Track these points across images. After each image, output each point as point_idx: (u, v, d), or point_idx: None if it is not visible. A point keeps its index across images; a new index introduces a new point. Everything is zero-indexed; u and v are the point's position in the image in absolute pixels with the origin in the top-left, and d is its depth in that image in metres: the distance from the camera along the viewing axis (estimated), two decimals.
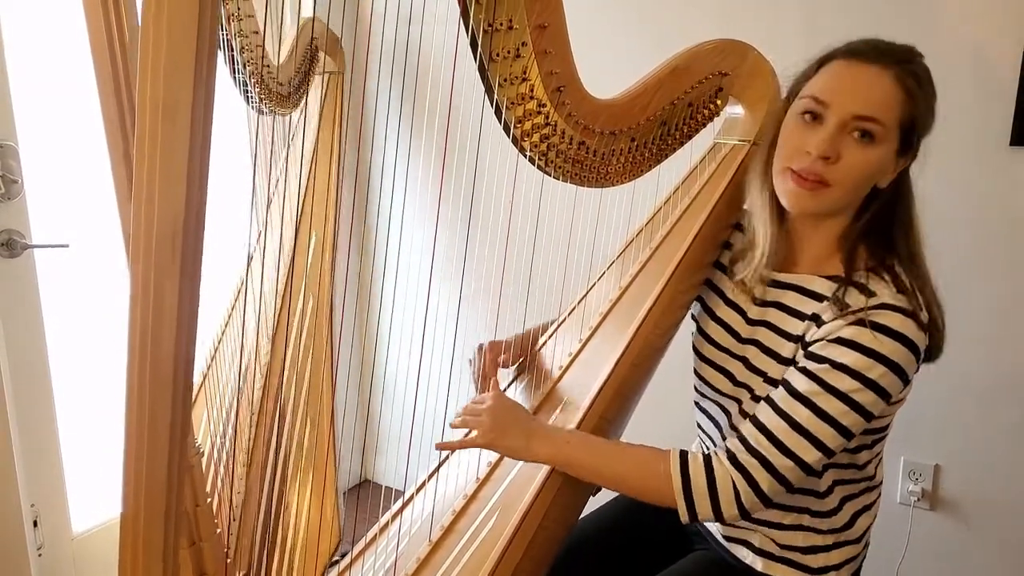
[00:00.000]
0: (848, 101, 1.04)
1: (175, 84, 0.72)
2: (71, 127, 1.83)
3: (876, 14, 1.78)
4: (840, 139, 1.04)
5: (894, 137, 1.04)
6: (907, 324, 1.00)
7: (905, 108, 1.04)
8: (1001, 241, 1.75)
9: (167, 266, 0.76)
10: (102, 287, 1.97)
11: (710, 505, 1.05)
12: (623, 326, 1.26)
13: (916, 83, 1.04)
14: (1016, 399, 1.79)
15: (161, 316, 0.78)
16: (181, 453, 0.84)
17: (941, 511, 1.92)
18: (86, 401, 2.00)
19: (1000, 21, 1.67)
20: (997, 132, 1.71)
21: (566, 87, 1.13)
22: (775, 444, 1.03)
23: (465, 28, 1.03)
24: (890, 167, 1.07)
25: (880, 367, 1.00)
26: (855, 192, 1.08)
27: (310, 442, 2.01)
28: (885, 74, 1.03)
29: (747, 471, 1.04)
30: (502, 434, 1.14)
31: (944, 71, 1.70)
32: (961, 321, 1.78)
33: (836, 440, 1.02)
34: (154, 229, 0.75)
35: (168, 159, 0.74)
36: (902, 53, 1.06)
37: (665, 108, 1.26)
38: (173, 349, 0.79)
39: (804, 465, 1.03)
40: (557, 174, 1.22)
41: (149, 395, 0.80)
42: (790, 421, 1.03)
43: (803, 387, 1.03)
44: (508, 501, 1.18)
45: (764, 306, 1.18)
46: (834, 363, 1.01)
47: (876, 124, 1.03)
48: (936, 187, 1.76)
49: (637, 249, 1.38)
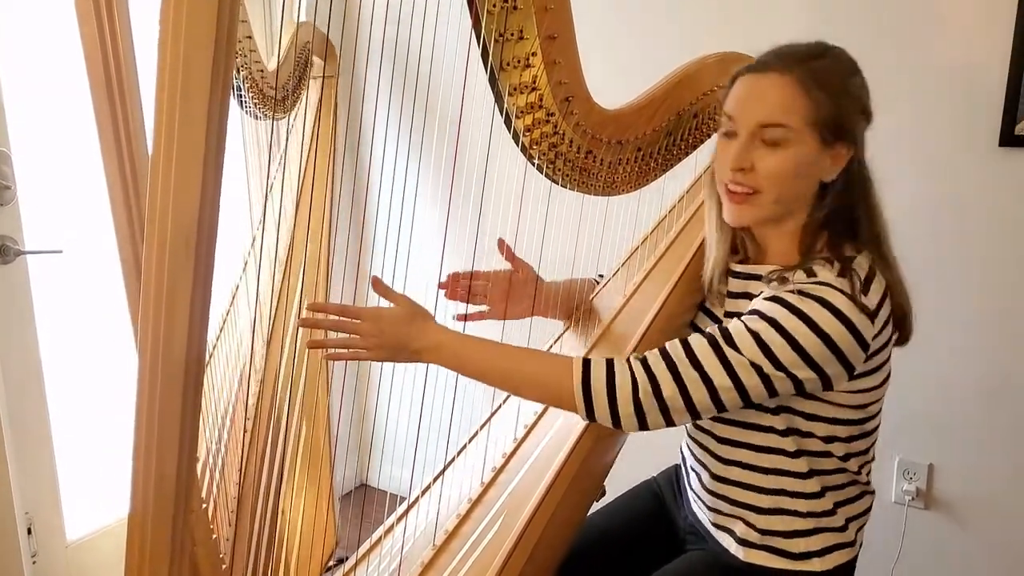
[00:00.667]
0: (751, 111, 1.08)
1: (193, 88, 0.73)
2: (64, 132, 1.81)
3: (869, 19, 1.80)
4: (751, 148, 1.08)
5: (808, 136, 1.07)
6: (838, 297, 1.02)
7: (810, 106, 1.06)
8: (992, 240, 1.78)
9: (181, 266, 0.77)
10: (96, 293, 1.95)
11: (606, 401, 1.05)
12: (628, 333, 1.27)
13: (818, 80, 1.06)
14: (1009, 398, 1.81)
15: (173, 316, 0.78)
16: (191, 452, 0.84)
17: (935, 510, 1.95)
18: (80, 408, 1.99)
19: (988, 24, 1.69)
20: (986, 133, 1.74)
21: (575, 97, 1.14)
22: (688, 354, 1.04)
23: (476, 38, 1.04)
24: (822, 162, 1.09)
25: (804, 328, 1.01)
26: (787, 193, 1.10)
27: (306, 447, 2.00)
28: (783, 79, 1.07)
29: (652, 372, 1.05)
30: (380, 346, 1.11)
31: (934, 74, 1.75)
32: (953, 320, 1.82)
33: (748, 374, 1.02)
34: (168, 230, 0.76)
35: (184, 162, 0.75)
36: (802, 55, 1.09)
37: (671, 119, 1.28)
38: (185, 348, 0.80)
39: (711, 387, 1.03)
40: (564, 182, 1.23)
41: (160, 394, 0.81)
42: (710, 340, 1.05)
43: (730, 324, 1.06)
44: (513, 505, 1.19)
45: (735, 298, 1.21)
46: (763, 314, 1.04)
47: (780, 128, 1.07)
48: (927, 188, 1.80)
49: (642, 257, 1.39)
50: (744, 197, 1.11)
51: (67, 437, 1.94)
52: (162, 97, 0.73)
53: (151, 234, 0.76)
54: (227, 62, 0.74)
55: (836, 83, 1.07)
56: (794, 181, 1.09)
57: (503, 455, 1.30)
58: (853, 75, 1.10)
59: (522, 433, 1.32)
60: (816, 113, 1.06)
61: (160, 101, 0.74)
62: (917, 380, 1.83)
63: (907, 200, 1.88)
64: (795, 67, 1.06)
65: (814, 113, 1.06)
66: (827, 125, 1.06)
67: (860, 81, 1.11)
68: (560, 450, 1.20)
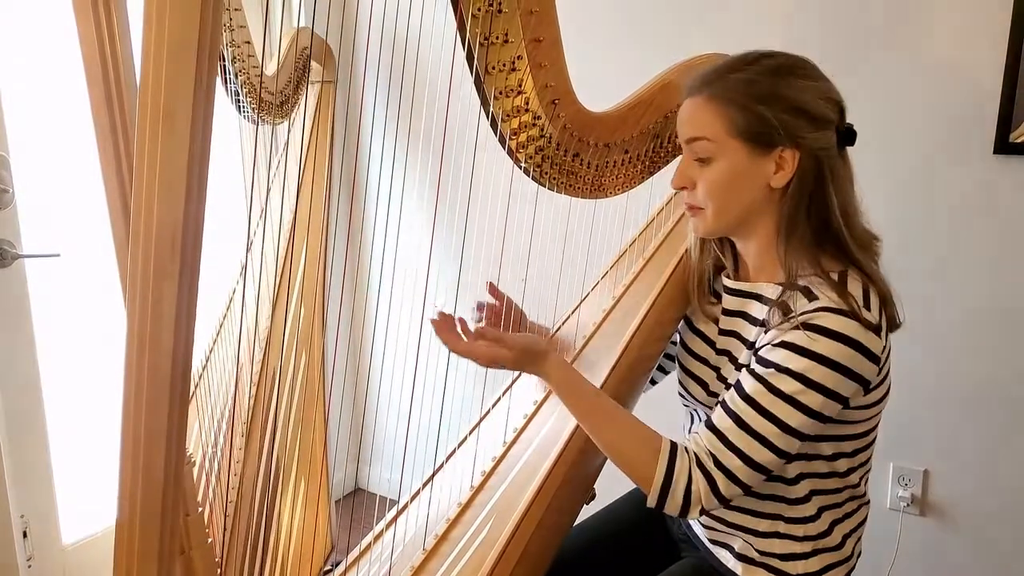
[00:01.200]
0: (681, 131, 1.13)
1: (176, 90, 0.73)
2: (62, 136, 1.83)
3: (863, 25, 1.80)
4: (690, 167, 1.12)
5: (734, 145, 1.08)
6: (847, 324, 1.01)
7: (723, 119, 1.07)
8: (988, 247, 1.77)
9: (166, 268, 0.77)
10: (94, 296, 1.96)
11: (680, 503, 1.07)
12: (616, 336, 1.27)
13: (727, 93, 1.07)
14: (1004, 404, 1.81)
15: (160, 318, 0.79)
16: (178, 456, 0.85)
17: (931, 516, 1.94)
18: (77, 411, 2.00)
19: (983, 32, 1.69)
20: (981, 140, 1.74)
21: (561, 100, 1.15)
22: (725, 443, 1.05)
23: (462, 41, 1.04)
24: (763, 169, 1.08)
25: (822, 368, 1.01)
26: (728, 204, 1.11)
27: (302, 451, 2.01)
28: (700, 97, 1.09)
29: (707, 471, 1.06)
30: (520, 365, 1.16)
31: (930, 82, 1.75)
32: (950, 326, 1.81)
33: (784, 440, 1.04)
34: (153, 231, 0.76)
35: (168, 163, 0.75)
36: (720, 69, 1.10)
37: (658, 122, 1.28)
38: (171, 351, 0.80)
39: (755, 464, 1.05)
40: (552, 185, 1.24)
41: (147, 397, 0.81)
42: (737, 420, 1.05)
43: (749, 387, 1.05)
44: (503, 508, 1.19)
45: (732, 316, 1.20)
46: (778, 367, 1.03)
47: (702, 141, 1.09)
48: (923, 195, 1.80)
49: (630, 260, 1.39)
50: (694, 211, 1.14)
51: (64, 440, 1.95)
52: (145, 99, 0.74)
53: (135, 233, 0.76)
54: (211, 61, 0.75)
55: (751, 91, 1.06)
56: (732, 192, 1.10)
57: (493, 459, 1.30)
58: (786, 77, 1.07)
59: (511, 436, 1.32)
60: (731, 125, 1.07)
61: (144, 103, 0.74)
62: (913, 386, 1.82)
63: (903, 207, 1.89)
64: (707, 86, 1.09)
65: (729, 125, 1.07)
66: (747, 134, 1.07)
67: (797, 83, 1.07)
68: (549, 453, 1.20)
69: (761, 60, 1.09)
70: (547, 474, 1.17)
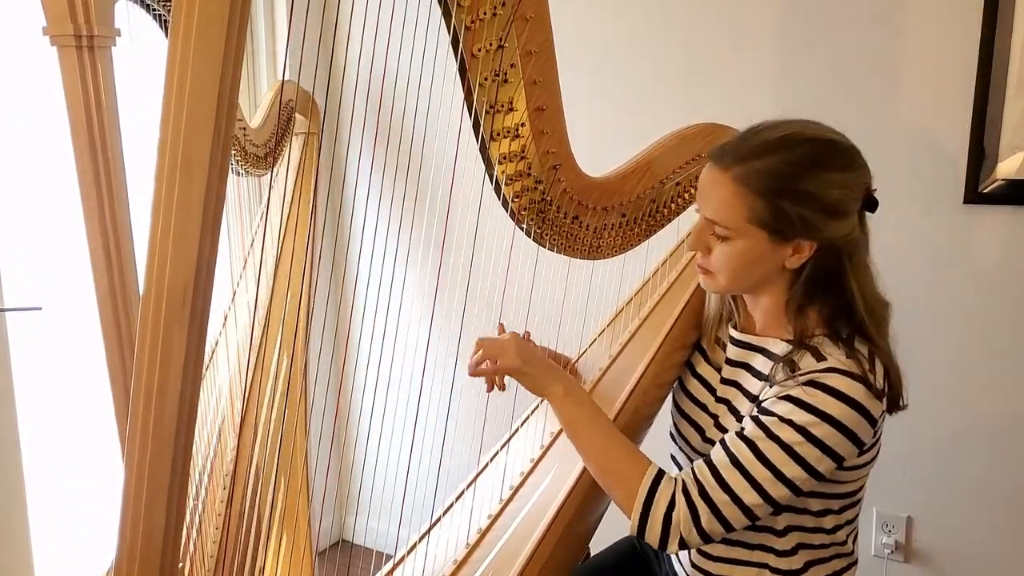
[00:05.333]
0: (702, 204, 1.12)
1: (194, 140, 0.74)
2: (44, 188, 1.81)
3: (833, 82, 1.86)
4: (707, 233, 1.12)
5: (752, 232, 1.08)
6: (854, 387, 1.03)
7: (744, 208, 1.06)
8: (959, 295, 1.82)
9: (177, 315, 0.77)
10: (76, 351, 1.93)
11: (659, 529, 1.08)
12: (613, 395, 1.28)
13: (754, 183, 1.06)
14: (984, 451, 1.84)
15: (168, 364, 0.79)
16: (179, 503, 0.84)
17: (915, 563, 1.96)
18: (57, 469, 1.96)
19: (951, 83, 1.75)
20: (951, 191, 1.79)
21: (562, 165, 1.17)
22: (716, 477, 1.06)
23: (468, 110, 1.07)
24: (779, 253, 1.09)
25: (825, 426, 1.03)
26: (740, 278, 1.13)
27: (284, 503, 1.98)
28: (723, 176, 1.08)
29: (691, 500, 1.07)
30: (527, 361, 1.15)
31: (899, 134, 1.81)
32: (928, 374, 1.84)
33: (776, 488, 1.04)
34: (166, 279, 0.76)
35: (184, 212, 0.75)
36: (751, 150, 1.08)
37: (654, 187, 1.32)
38: (178, 396, 0.80)
39: (742, 505, 1.05)
40: (551, 246, 1.26)
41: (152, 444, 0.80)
42: (733, 459, 1.06)
43: (750, 431, 1.07)
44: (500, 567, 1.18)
45: (735, 366, 1.22)
46: (781, 417, 1.05)
47: (719, 227, 1.09)
48: (895, 244, 1.83)
49: (627, 319, 1.41)
50: (704, 273, 1.15)
51: (43, 497, 1.90)
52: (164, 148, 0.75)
53: (149, 279, 0.77)
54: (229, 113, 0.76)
55: (779, 186, 1.05)
56: (745, 270, 1.12)
57: (489, 516, 1.30)
58: (816, 171, 1.06)
59: (508, 494, 1.32)
60: (752, 214, 1.06)
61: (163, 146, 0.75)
62: (894, 433, 1.83)
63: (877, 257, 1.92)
64: (736, 164, 1.07)
65: (750, 213, 1.07)
66: (768, 226, 1.07)
67: (828, 178, 1.06)
68: (546, 512, 1.20)
69: (797, 147, 1.07)
70: (543, 533, 1.17)
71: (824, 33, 1.85)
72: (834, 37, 1.84)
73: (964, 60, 1.72)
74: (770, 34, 1.92)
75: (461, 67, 1.02)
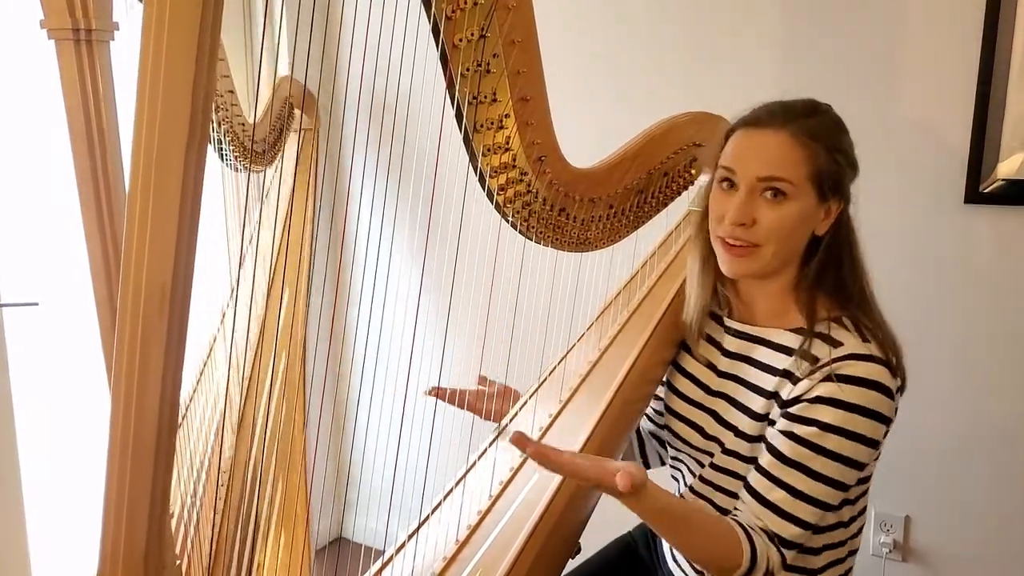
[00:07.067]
0: (750, 166, 1.10)
1: (168, 143, 0.73)
2: (41, 183, 1.81)
3: (835, 79, 1.84)
4: (752, 202, 1.10)
5: (808, 190, 1.09)
6: (877, 371, 1.04)
7: (807, 162, 1.08)
8: (964, 295, 1.81)
9: (154, 324, 0.76)
10: (73, 346, 1.94)
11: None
12: (602, 388, 1.27)
13: (814, 135, 1.09)
14: (982, 450, 1.83)
15: (147, 374, 0.78)
16: (162, 510, 0.83)
17: (913, 562, 1.95)
18: (54, 467, 1.96)
19: (951, 83, 1.74)
20: (951, 191, 1.78)
21: (547, 156, 1.16)
22: (784, 517, 1.06)
23: (451, 100, 1.06)
24: (818, 215, 1.12)
25: (861, 419, 1.04)
26: (787, 246, 1.12)
27: (282, 500, 1.98)
28: (779, 135, 1.09)
29: (778, 548, 1.07)
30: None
31: (900, 134, 1.79)
32: (927, 374, 1.83)
33: (834, 495, 1.07)
34: (143, 287, 0.75)
35: (159, 218, 0.75)
36: (797, 111, 1.12)
37: (642, 177, 1.31)
38: (158, 407, 0.79)
39: (811, 527, 1.08)
40: (538, 239, 1.25)
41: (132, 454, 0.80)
42: (790, 490, 1.06)
43: (793, 452, 1.06)
44: (488, 564, 1.18)
45: (733, 358, 1.21)
46: (820, 424, 1.05)
47: (782, 182, 1.09)
48: (895, 244, 1.83)
49: (616, 311, 1.40)
50: (744, 251, 1.12)
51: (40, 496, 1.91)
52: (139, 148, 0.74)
53: (125, 287, 0.76)
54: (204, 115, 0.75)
55: (830, 139, 1.10)
56: (794, 234, 1.12)
57: (479, 512, 1.29)
58: (842, 132, 1.14)
59: (497, 490, 1.31)
60: (814, 167, 1.08)
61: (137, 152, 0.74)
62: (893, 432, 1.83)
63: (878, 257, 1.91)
64: (791, 123, 1.09)
65: (813, 167, 1.08)
66: (825, 179, 1.09)
67: (848, 138, 1.14)
68: (535, 507, 1.19)
69: (822, 109, 1.14)
70: (533, 528, 1.16)
71: (824, 33, 1.85)
72: (834, 37, 1.84)
73: (966, 59, 1.71)
74: (770, 34, 1.92)
75: (442, 57, 1.01)
